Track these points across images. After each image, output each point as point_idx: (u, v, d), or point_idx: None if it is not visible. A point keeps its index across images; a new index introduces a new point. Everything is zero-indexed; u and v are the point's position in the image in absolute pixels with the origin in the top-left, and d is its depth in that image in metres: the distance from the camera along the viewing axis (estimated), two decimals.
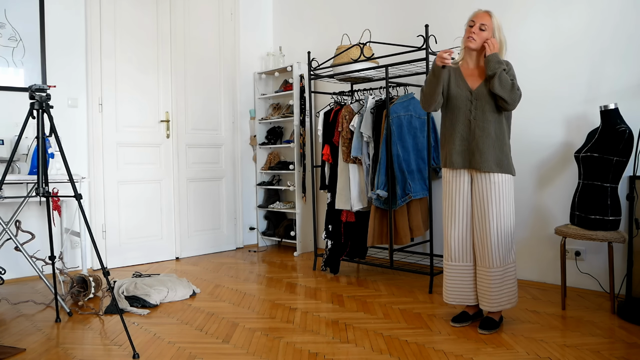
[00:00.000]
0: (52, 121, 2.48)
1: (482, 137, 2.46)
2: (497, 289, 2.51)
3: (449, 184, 2.61)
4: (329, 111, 3.90)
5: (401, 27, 4.11)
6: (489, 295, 2.51)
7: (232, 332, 2.60)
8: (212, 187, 4.90)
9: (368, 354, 2.27)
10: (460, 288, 2.62)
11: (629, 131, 2.69)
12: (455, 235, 2.59)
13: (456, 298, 2.63)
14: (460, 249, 2.59)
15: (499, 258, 2.49)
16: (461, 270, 2.61)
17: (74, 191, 2.45)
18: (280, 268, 4.15)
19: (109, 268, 4.17)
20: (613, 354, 2.21)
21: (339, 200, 3.69)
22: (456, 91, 2.53)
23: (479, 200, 2.52)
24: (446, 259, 2.65)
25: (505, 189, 2.49)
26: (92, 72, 4.14)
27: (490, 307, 2.53)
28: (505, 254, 2.51)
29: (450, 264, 2.63)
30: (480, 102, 2.47)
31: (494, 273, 2.50)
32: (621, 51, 3.03)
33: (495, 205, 2.48)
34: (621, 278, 2.99)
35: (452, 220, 2.60)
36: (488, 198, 2.49)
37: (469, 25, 2.51)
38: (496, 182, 2.47)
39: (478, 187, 2.52)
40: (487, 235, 2.50)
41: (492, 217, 2.48)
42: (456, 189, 2.58)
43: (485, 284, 2.52)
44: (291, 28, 5.19)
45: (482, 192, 2.50)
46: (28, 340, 2.51)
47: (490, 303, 2.52)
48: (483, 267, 2.53)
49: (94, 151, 4.16)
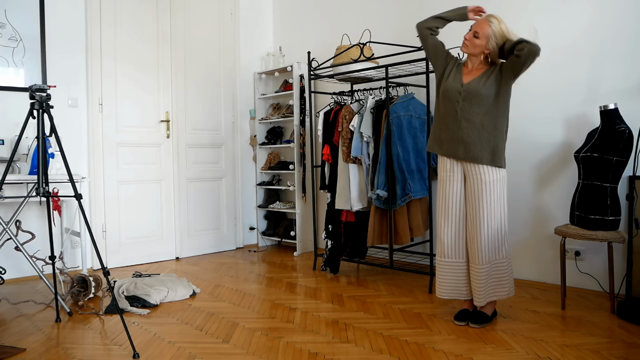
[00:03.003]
0: (52, 121, 2.48)
1: (468, 128, 2.52)
2: (484, 283, 2.57)
3: (442, 182, 2.67)
4: (329, 111, 3.90)
5: (401, 27, 4.12)
6: (478, 290, 2.58)
7: (232, 332, 2.61)
8: (212, 187, 4.90)
9: (368, 354, 2.27)
10: (452, 283, 2.68)
11: (629, 131, 2.69)
12: (448, 232, 2.65)
13: (449, 293, 2.69)
14: (453, 246, 2.65)
15: (487, 255, 2.56)
16: (453, 265, 2.66)
17: (74, 191, 2.46)
18: (280, 268, 4.15)
19: (109, 268, 4.17)
20: (613, 354, 2.21)
21: (339, 200, 3.69)
22: (450, 84, 2.60)
23: (471, 199, 2.58)
24: (439, 255, 2.70)
25: (498, 186, 2.54)
26: (92, 72, 4.14)
27: (478, 302, 2.60)
28: (494, 251, 2.58)
29: (443, 260, 2.68)
30: (469, 95, 2.53)
31: (481, 269, 2.56)
32: (621, 51, 3.03)
33: (486, 204, 2.53)
34: (621, 278, 2.99)
35: (445, 218, 2.65)
36: (480, 197, 2.54)
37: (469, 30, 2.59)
38: (488, 180, 2.53)
39: (470, 185, 2.58)
40: (477, 233, 2.55)
41: (483, 216, 2.54)
42: (450, 187, 2.64)
43: (475, 280, 2.59)
44: (291, 28, 5.19)
45: (475, 190, 2.56)
46: (28, 340, 2.51)
47: (479, 297, 2.58)
48: (473, 263, 2.60)
49: (94, 151, 4.16)
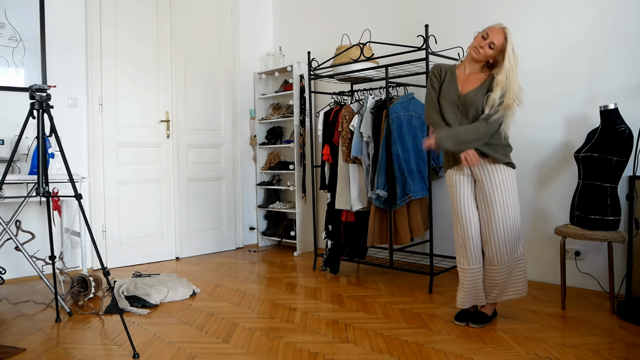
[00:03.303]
0: (52, 121, 2.48)
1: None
2: (502, 283, 2.56)
3: (453, 189, 2.61)
4: (329, 111, 3.90)
5: (401, 27, 4.12)
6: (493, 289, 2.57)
7: (232, 332, 2.61)
8: (212, 187, 4.90)
9: (368, 354, 2.27)
10: (475, 291, 2.60)
11: (629, 131, 2.69)
12: (472, 238, 2.55)
13: (470, 301, 2.62)
14: (477, 252, 2.58)
15: (506, 255, 2.52)
16: (477, 272, 2.59)
17: (74, 191, 2.46)
18: (280, 268, 4.15)
19: (109, 268, 4.17)
20: (613, 354, 2.21)
21: (339, 200, 3.69)
22: (446, 93, 2.55)
23: (483, 201, 2.54)
24: (466, 264, 2.58)
25: (509, 186, 2.50)
26: (92, 72, 4.14)
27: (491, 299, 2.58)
28: (513, 250, 2.54)
29: (471, 267, 2.57)
30: (465, 108, 2.50)
31: (500, 269, 2.54)
32: (621, 51, 3.03)
33: (500, 204, 2.49)
34: (621, 278, 2.99)
35: (466, 224, 2.56)
36: (492, 197, 2.50)
37: (482, 36, 2.43)
38: (500, 180, 2.49)
39: (482, 187, 2.54)
40: (494, 234, 2.51)
41: (498, 216, 2.49)
42: (462, 193, 2.58)
43: (492, 280, 2.57)
44: (291, 28, 5.19)
45: (487, 191, 2.51)
46: (28, 340, 2.51)
47: (493, 296, 2.57)
48: (491, 265, 2.56)
49: (94, 151, 4.16)
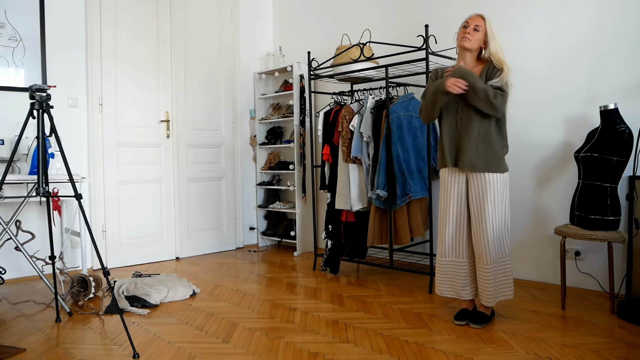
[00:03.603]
0: (52, 121, 2.48)
1: (466, 137, 2.54)
2: (492, 283, 2.57)
3: (444, 184, 2.69)
4: (329, 111, 3.90)
5: (401, 27, 4.12)
6: (487, 290, 2.58)
7: (232, 332, 2.61)
8: (212, 187, 4.90)
9: (368, 354, 2.27)
10: (451, 282, 2.70)
11: (629, 131, 2.69)
12: (448, 232, 2.67)
13: (448, 291, 2.72)
14: (453, 246, 2.67)
15: (493, 254, 2.56)
16: (453, 265, 2.68)
17: (74, 191, 2.46)
18: (280, 268, 4.15)
19: (109, 268, 4.17)
20: (613, 354, 2.21)
21: (339, 200, 3.69)
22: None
23: (474, 200, 2.59)
24: (439, 255, 2.73)
25: (499, 188, 2.55)
26: (92, 72, 4.14)
27: (488, 302, 2.59)
28: (499, 249, 2.59)
29: (442, 259, 2.71)
30: (466, 104, 2.53)
31: (489, 269, 2.56)
32: (621, 51, 3.03)
33: (490, 205, 2.54)
34: (621, 278, 2.99)
35: (446, 218, 2.67)
36: (483, 198, 2.55)
37: (463, 26, 2.60)
38: (490, 181, 2.54)
39: (473, 187, 2.59)
40: (483, 233, 2.56)
41: (487, 217, 2.55)
42: (451, 189, 2.65)
43: (484, 280, 2.59)
44: (291, 28, 5.19)
45: (477, 192, 2.57)
46: (28, 340, 2.51)
47: (488, 297, 2.58)
48: (480, 264, 2.60)
49: (94, 151, 4.16)
